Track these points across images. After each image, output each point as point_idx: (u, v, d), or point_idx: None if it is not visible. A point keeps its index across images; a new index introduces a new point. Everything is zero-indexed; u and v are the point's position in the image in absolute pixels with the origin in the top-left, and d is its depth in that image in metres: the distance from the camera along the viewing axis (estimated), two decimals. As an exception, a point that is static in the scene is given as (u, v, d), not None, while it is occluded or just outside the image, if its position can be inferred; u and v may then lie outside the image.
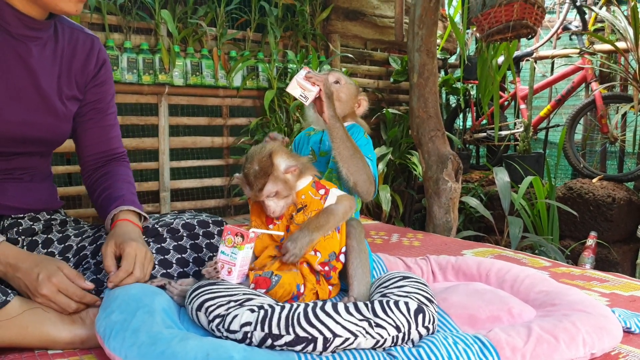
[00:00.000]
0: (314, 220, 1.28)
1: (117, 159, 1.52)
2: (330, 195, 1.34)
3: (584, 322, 1.14)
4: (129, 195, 1.40)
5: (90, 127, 1.46)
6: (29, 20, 1.25)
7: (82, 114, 1.45)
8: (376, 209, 3.65)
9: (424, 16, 2.78)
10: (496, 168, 3.26)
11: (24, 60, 1.27)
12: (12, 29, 1.24)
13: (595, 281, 1.71)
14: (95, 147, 1.48)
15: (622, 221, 3.47)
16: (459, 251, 2.11)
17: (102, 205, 1.40)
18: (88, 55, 1.42)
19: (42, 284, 1.13)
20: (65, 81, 1.37)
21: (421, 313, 1.10)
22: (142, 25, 2.88)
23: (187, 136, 3.12)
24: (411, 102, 2.87)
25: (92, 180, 1.48)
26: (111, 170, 1.48)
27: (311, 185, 1.34)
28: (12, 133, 1.28)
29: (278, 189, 1.26)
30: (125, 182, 1.46)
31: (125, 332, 1.02)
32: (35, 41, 1.29)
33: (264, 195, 1.26)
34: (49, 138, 1.37)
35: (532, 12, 2.70)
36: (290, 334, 1.01)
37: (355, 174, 1.41)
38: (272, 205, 1.28)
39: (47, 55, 1.33)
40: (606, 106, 3.64)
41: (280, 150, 1.30)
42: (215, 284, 1.17)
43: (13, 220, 1.37)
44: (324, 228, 1.28)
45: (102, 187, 1.43)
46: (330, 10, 3.64)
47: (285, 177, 1.27)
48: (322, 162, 1.56)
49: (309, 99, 1.36)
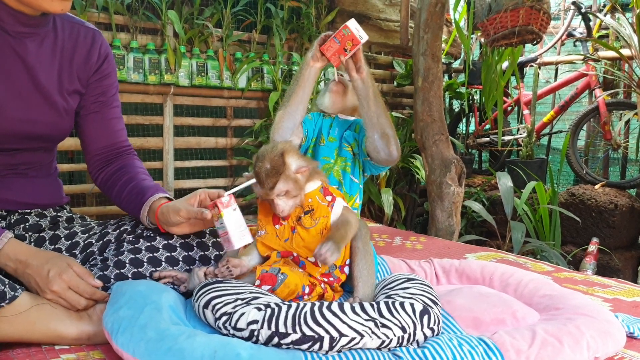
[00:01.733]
0: (336, 232, 1.26)
1: (126, 152, 1.51)
2: (337, 204, 1.34)
3: (588, 326, 1.15)
4: (158, 186, 1.41)
5: (94, 120, 1.46)
6: (23, 17, 1.24)
7: (85, 107, 1.44)
8: (378, 212, 3.66)
9: (429, 20, 2.79)
10: (499, 173, 3.27)
11: (21, 57, 1.27)
12: (8, 26, 1.24)
13: (598, 286, 1.72)
14: (101, 141, 1.47)
15: (624, 228, 3.47)
16: (462, 255, 2.11)
17: (130, 199, 1.39)
18: (90, 49, 1.42)
19: (52, 280, 1.13)
20: (66, 75, 1.37)
21: (426, 314, 1.10)
22: (149, 26, 2.90)
23: (192, 136, 3.13)
24: (416, 105, 2.88)
25: (106, 176, 1.47)
26: (126, 163, 1.48)
27: (319, 190, 1.35)
28: (13, 130, 1.28)
29: (288, 188, 1.26)
30: (145, 174, 1.46)
31: (133, 328, 1.03)
32: (32, 37, 1.29)
33: (275, 194, 1.26)
34: (50, 133, 1.37)
35: (537, 18, 2.70)
36: (297, 333, 1.02)
37: (390, 126, 1.41)
38: (282, 205, 1.28)
39: (46, 51, 1.32)
40: (609, 113, 3.64)
41: (292, 150, 1.31)
42: (222, 282, 1.18)
43: (20, 216, 1.38)
44: (345, 240, 1.27)
45: (123, 181, 1.43)
46: (336, 13, 3.66)
47: (296, 177, 1.28)
48: (329, 147, 1.55)
49: (363, 38, 1.34)
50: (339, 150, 1.55)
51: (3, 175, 1.34)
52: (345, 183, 1.53)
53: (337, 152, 1.54)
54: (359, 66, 1.38)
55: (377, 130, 1.41)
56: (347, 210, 1.35)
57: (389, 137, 1.40)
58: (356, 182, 1.54)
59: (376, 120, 1.39)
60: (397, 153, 1.45)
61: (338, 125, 1.57)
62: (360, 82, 1.40)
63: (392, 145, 1.42)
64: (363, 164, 1.56)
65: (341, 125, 1.57)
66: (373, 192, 3.44)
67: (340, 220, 1.32)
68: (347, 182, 1.53)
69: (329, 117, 1.60)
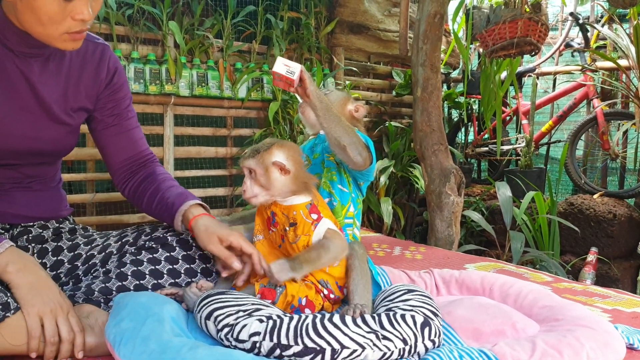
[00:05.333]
0: (305, 253, 1.28)
1: (149, 160, 1.52)
2: (321, 224, 1.33)
3: (588, 338, 1.15)
4: (185, 192, 1.43)
5: (113, 133, 1.46)
6: (30, 39, 1.23)
7: (102, 122, 1.45)
8: (377, 222, 3.67)
9: (428, 31, 2.80)
10: (498, 183, 3.28)
11: (26, 76, 1.27)
12: (12, 45, 1.24)
13: (597, 297, 1.72)
14: (124, 153, 1.48)
15: (622, 237, 3.48)
16: (462, 265, 2.12)
17: (162, 210, 1.41)
18: (98, 64, 1.42)
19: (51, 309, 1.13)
20: (72, 93, 1.37)
21: (427, 326, 1.11)
22: (150, 36, 2.91)
23: (192, 146, 3.14)
24: (415, 116, 2.89)
25: (133, 188, 1.48)
26: (150, 172, 1.49)
27: (305, 205, 1.34)
28: (17, 146, 1.29)
29: (257, 170, 1.29)
30: (169, 180, 1.48)
31: (135, 339, 1.03)
32: (37, 57, 1.29)
33: (244, 165, 1.31)
34: (54, 150, 1.38)
35: (536, 30, 2.73)
36: (299, 345, 1.03)
37: (343, 136, 1.40)
38: (247, 184, 1.31)
39: (51, 69, 1.32)
40: (607, 123, 3.66)
41: (286, 148, 1.33)
42: (224, 294, 1.18)
43: (22, 228, 1.38)
44: (314, 263, 1.28)
45: (150, 192, 1.44)
46: (335, 23, 3.68)
47: (271, 167, 1.29)
48: (316, 164, 1.58)
49: (295, 72, 1.34)
50: (324, 162, 1.57)
51: (7, 189, 1.34)
52: (336, 193, 1.54)
53: (323, 165, 1.57)
54: (306, 92, 1.37)
55: (334, 143, 1.42)
56: (332, 234, 1.34)
57: (345, 147, 1.41)
58: (346, 191, 1.55)
59: (331, 135, 1.40)
60: (360, 159, 1.44)
61: (320, 141, 1.62)
62: (309, 104, 1.40)
63: (350, 153, 1.42)
64: (349, 173, 1.58)
65: (322, 140, 1.61)
66: (372, 202, 3.45)
67: (319, 242, 1.31)
68: (337, 191, 1.54)
69: (313, 138, 1.65)
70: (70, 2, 1.13)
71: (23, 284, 1.12)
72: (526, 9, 2.77)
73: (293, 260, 1.26)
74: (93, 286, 1.28)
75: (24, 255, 1.17)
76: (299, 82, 1.34)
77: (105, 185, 3.12)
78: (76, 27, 1.18)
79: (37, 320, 1.10)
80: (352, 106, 1.64)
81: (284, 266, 1.24)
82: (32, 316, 1.09)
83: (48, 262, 1.37)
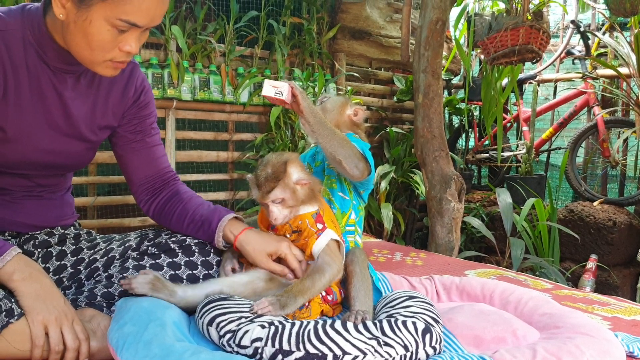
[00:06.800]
0: (299, 284, 1.25)
1: (172, 179, 1.52)
2: (324, 235, 1.32)
3: (588, 346, 1.16)
4: (217, 208, 1.43)
5: (136, 149, 1.47)
6: (68, 56, 1.24)
7: (125, 137, 1.46)
8: (378, 227, 3.67)
9: (430, 38, 2.82)
10: (498, 189, 3.28)
11: (59, 92, 1.28)
12: (49, 61, 1.25)
13: (597, 304, 1.72)
14: (146, 170, 1.48)
15: (622, 245, 3.48)
16: (462, 271, 2.12)
17: (196, 228, 1.41)
18: (127, 82, 1.43)
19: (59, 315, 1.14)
20: (100, 111, 1.38)
21: (428, 333, 1.11)
22: (152, 40, 2.93)
23: (193, 150, 3.15)
24: (416, 122, 2.90)
25: (158, 207, 1.48)
26: (175, 191, 1.49)
27: (312, 215, 1.34)
28: (36, 159, 1.30)
29: (285, 196, 1.28)
30: (196, 197, 1.48)
31: (137, 344, 1.03)
32: (72, 74, 1.30)
33: (270, 199, 1.28)
34: (71, 164, 1.39)
35: (537, 37, 2.74)
36: (301, 351, 1.03)
37: (339, 149, 1.40)
38: (276, 212, 1.29)
39: (82, 86, 1.33)
40: (608, 130, 3.68)
41: (297, 162, 1.32)
42: (226, 300, 1.19)
43: (29, 235, 1.40)
44: (308, 293, 1.25)
45: (178, 212, 1.45)
46: (337, 29, 3.70)
47: (295, 188, 1.29)
48: (318, 172, 1.58)
49: (283, 93, 1.34)
50: (325, 170, 1.57)
51: (18, 197, 1.36)
52: (336, 200, 1.54)
53: (324, 172, 1.57)
54: (299, 109, 1.37)
55: (330, 157, 1.43)
56: (332, 249, 1.32)
57: (340, 162, 1.41)
58: (347, 198, 1.55)
59: (326, 149, 1.41)
60: (357, 171, 1.44)
61: (321, 150, 1.60)
62: (303, 119, 1.40)
63: (346, 167, 1.42)
64: (349, 180, 1.58)
65: None
66: (373, 207, 3.46)
67: (317, 265, 1.29)
68: (338, 199, 1.54)
69: (315, 146, 1.64)
70: (123, 34, 1.15)
71: (28, 292, 1.13)
72: (528, 16, 2.78)
73: (287, 294, 1.21)
74: (95, 291, 1.29)
75: (30, 262, 1.18)
76: (292, 99, 1.34)
77: (106, 188, 3.13)
78: (121, 57, 1.20)
79: (42, 329, 1.10)
80: (350, 110, 1.63)
81: (274, 303, 1.18)
82: (37, 324, 1.10)
83: (51, 266, 1.38)
